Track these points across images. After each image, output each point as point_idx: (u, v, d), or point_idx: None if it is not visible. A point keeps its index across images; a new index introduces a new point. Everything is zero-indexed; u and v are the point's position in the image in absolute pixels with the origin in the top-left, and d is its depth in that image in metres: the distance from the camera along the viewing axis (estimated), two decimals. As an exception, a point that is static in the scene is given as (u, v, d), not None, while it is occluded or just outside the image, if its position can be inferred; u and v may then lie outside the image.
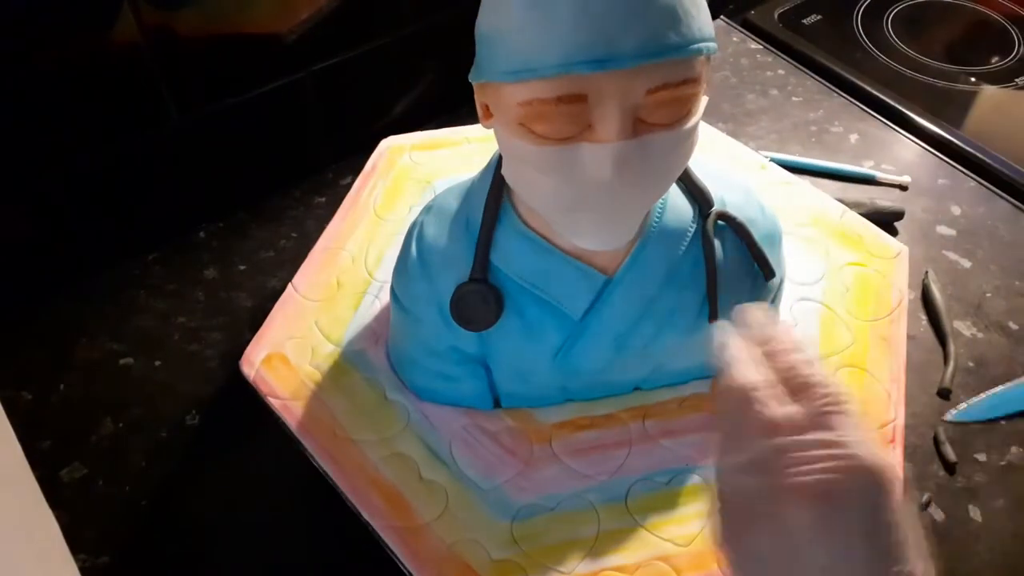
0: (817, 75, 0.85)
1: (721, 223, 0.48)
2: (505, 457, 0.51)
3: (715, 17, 0.90)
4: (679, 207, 0.48)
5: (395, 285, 0.51)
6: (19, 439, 0.55)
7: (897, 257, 0.61)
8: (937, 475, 0.56)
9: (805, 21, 0.91)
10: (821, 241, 0.61)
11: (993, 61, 0.87)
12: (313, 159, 0.76)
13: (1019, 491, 0.55)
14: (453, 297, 0.47)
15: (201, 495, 0.55)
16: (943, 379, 0.60)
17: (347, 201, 0.64)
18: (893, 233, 0.69)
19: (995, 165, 0.75)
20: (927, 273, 0.67)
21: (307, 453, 0.50)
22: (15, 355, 0.63)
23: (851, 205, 0.66)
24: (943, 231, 0.71)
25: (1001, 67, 0.86)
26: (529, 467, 0.50)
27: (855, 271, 0.60)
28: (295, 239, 0.70)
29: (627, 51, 0.36)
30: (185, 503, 0.55)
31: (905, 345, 0.56)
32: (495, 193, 0.47)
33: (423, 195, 0.63)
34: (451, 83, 0.64)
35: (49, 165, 0.61)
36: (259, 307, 0.64)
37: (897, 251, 0.61)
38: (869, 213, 0.67)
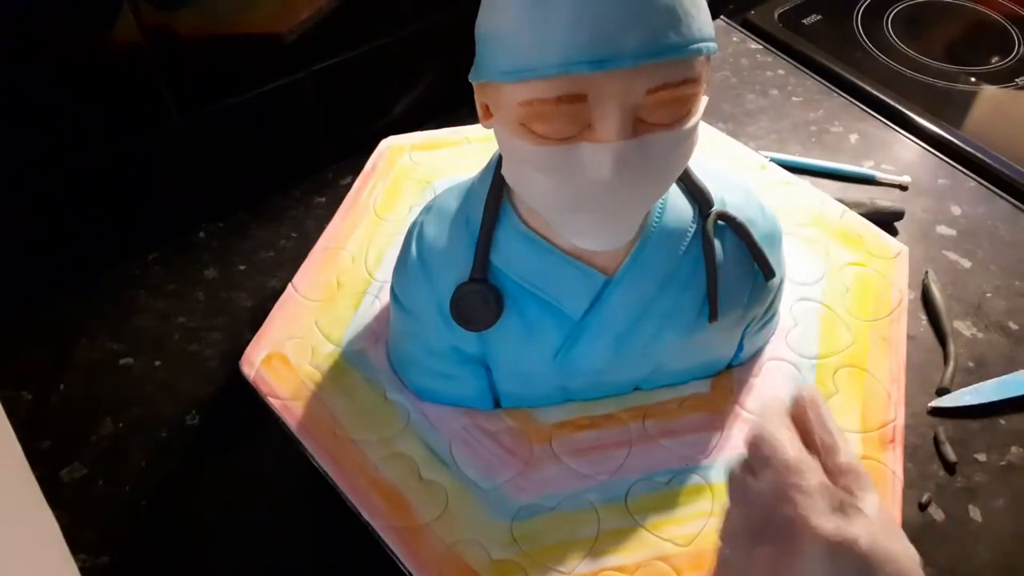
0: (817, 75, 0.85)
1: (721, 223, 0.48)
2: (505, 457, 0.51)
3: (715, 17, 0.90)
4: (679, 207, 0.48)
5: (395, 285, 0.51)
6: (19, 439, 0.55)
7: (897, 257, 0.61)
8: (937, 475, 0.56)
9: (805, 21, 0.91)
10: (821, 241, 0.61)
11: (993, 61, 0.87)
12: (313, 159, 0.76)
13: (1019, 491, 0.55)
14: (453, 297, 0.47)
15: (201, 495, 0.55)
16: (943, 379, 0.60)
17: (347, 201, 0.64)
18: (893, 233, 0.69)
19: (995, 165, 0.75)
20: (927, 273, 0.67)
21: (307, 453, 0.50)
22: (15, 355, 0.63)
23: (851, 205, 0.66)
24: (943, 231, 0.71)
25: (1001, 67, 0.86)
26: (529, 467, 0.50)
27: (855, 271, 0.60)
28: (295, 239, 0.70)
29: (627, 51, 0.36)
30: (185, 503, 0.55)
31: (905, 345, 0.56)
32: (495, 193, 0.47)
33: (423, 195, 0.63)
34: (451, 83, 0.64)
35: (49, 165, 0.61)
36: (259, 307, 0.64)
37: (897, 251, 0.61)
38: (869, 213, 0.67)
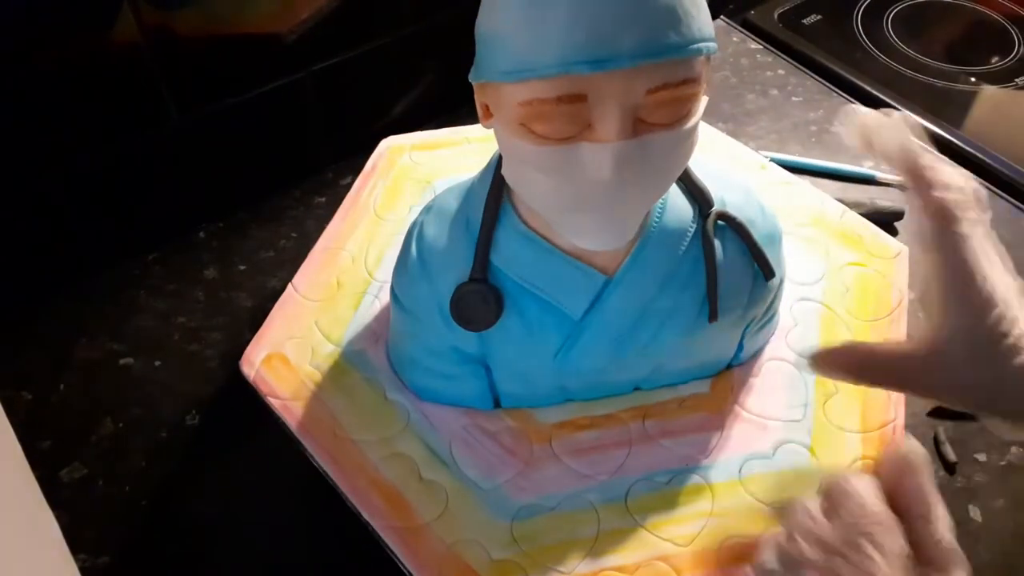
0: (817, 75, 0.85)
1: (721, 223, 0.48)
2: (505, 457, 0.50)
3: (715, 17, 0.90)
4: (679, 207, 0.48)
5: (395, 285, 0.51)
6: (19, 439, 0.55)
7: (897, 257, 0.61)
8: (937, 475, 0.56)
9: (805, 21, 0.91)
10: (821, 241, 0.61)
11: (993, 61, 0.87)
12: (313, 159, 0.76)
13: (1019, 491, 0.55)
14: (453, 297, 0.47)
15: (201, 495, 0.55)
16: (943, 379, 0.60)
17: (347, 201, 0.64)
18: (893, 233, 0.69)
19: (995, 165, 0.75)
20: (927, 273, 0.66)
21: (307, 453, 0.50)
22: (15, 355, 0.63)
23: (851, 205, 0.65)
24: (943, 231, 0.71)
25: (1001, 67, 0.86)
26: (529, 467, 0.50)
27: (855, 271, 0.60)
28: (295, 239, 0.70)
29: (627, 51, 0.36)
30: (185, 503, 0.55)
31: (905, 345, 0.56)
32: (495, 193, 0.47)
33: (423, 195, 0.63)
34: (451, 83, 0.64)
35: (49, 165, 0.61)
36: (259, 307, 0.64)
37: (897, 251, 0.61)
38: (869, 213, 0.67)
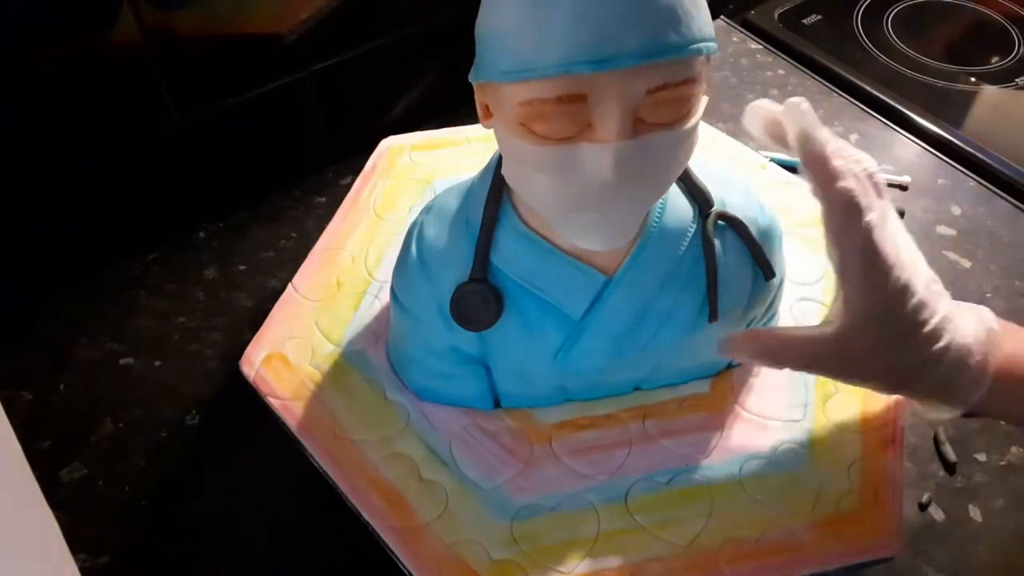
0: (817, 75, 0.85)
1: (721, 223, 0.48)
2: (505, 457, 0.51)
3: (715, 17, 0.90)
4: (679, 207, 0.48)
5: (395, 285, 0.51)
6: (19, 439, 0.55)
7: (897, 257, 0.61)
8: (937, 475, 0.56)
9: (805, 21, 0.91)
10: (821, 241, 0.61)
11: (993, 61, 0.87)
12: (313, 159, 0.76)
13: (1019, 491, 0.55)
14: (453, 297, 0.47)
15: (201, 495, 0.55)
16: (943, 379, 0.60)
17: (347, 201, 0.64)
18: (893, 233, 0.69)
19: (995, 165, 0.75)
20: (927, 273, 0.66)
21: (307, 453, 0.50)
22: (15, 355, 0.63)
23: (851, 205, 0.65)
24: (943, 231, 0.71)
25: (1001, 67, 0.86)
26: (529, 467, 0.50)
27: (855, 271, 0.59)
28: (295, 239, 0.70)
29: (627, 51, 0.36)
30: (185, 503, 0.55)
31: (905, 345, 0.56)
32: (495, 193, 0.47)
33: (423, 195, 0.63)
34: (451, 83, 0.64)
35: (49, 165, 0.61)
36: (259, 307, 0.64)
37: (897, 251, 0.61)
38: (869, 213, 0.67)
